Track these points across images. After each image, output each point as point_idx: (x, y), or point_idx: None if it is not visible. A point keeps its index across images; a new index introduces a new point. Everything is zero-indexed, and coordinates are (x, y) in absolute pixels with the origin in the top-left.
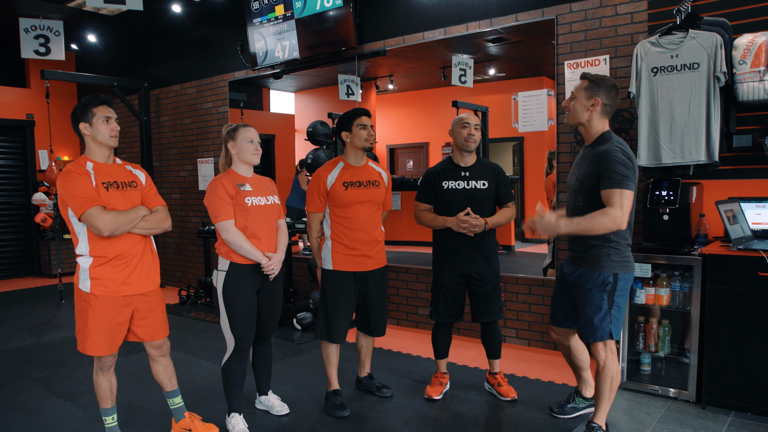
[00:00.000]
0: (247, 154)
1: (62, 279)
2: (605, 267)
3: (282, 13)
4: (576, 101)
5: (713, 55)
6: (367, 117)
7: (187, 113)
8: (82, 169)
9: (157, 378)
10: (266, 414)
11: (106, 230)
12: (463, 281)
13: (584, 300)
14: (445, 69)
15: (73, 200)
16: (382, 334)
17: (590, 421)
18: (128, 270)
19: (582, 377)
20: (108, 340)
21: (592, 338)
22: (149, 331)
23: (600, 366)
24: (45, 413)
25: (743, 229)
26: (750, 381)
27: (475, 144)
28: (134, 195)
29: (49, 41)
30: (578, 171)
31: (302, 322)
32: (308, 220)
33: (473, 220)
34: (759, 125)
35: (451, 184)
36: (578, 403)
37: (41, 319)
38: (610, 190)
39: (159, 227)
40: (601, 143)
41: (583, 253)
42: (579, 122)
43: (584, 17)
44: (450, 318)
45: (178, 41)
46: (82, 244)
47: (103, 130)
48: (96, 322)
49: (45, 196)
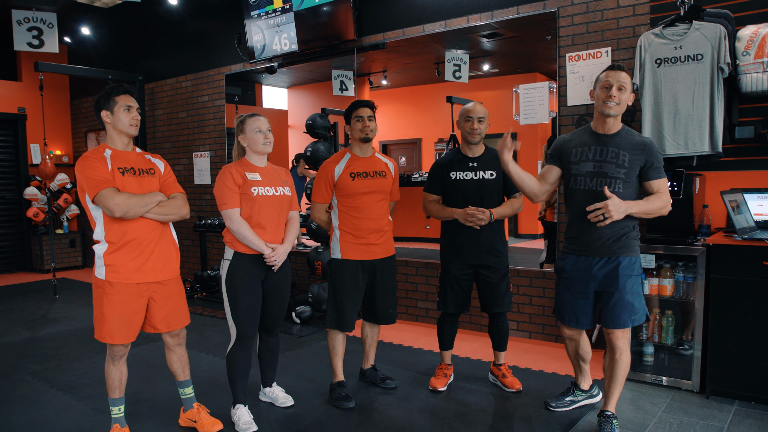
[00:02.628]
0: (257, 144)
1: (56, 274)
2: (636, 251)
3: (280, 5)
4: (626, 92)
5: (717, 47)
6: (364, 108)
7: (183, 107)
8: (99, 155)
9: (171, 367)
10: (271, 406)
11: (117, 211)
12: (472, 272)
13: (623, 287)
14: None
15: (87, 182)
16: (392, 321)
17: (603, 410)
18: (143, 257)
19: (582, 370)
20: (123, 327)
21: (631, 323)
22: (167, 321)
23: (618, 354)
24: (46, 406)
25: (747, 219)
26: (754, 370)
27: (479, 136)
28: (151, 182)
29: (43, 33)
30: (617, 159)
31: (301, 315)
32: (312, 210)
33: (479, 214)
34: (762, 116)
35: (459, 174)
36: (576, 395)
37: (36, 314)
38: (660, 180)
39: (175, 213)
40: (632, 134)
41: (614, 242)
42: (621, 113)
43: (586, 9)
44: (457, 308)
45: (174, 34)
46: (98, 228)
47: (123, 118)
48: (111, 309)
49: (37, 190)
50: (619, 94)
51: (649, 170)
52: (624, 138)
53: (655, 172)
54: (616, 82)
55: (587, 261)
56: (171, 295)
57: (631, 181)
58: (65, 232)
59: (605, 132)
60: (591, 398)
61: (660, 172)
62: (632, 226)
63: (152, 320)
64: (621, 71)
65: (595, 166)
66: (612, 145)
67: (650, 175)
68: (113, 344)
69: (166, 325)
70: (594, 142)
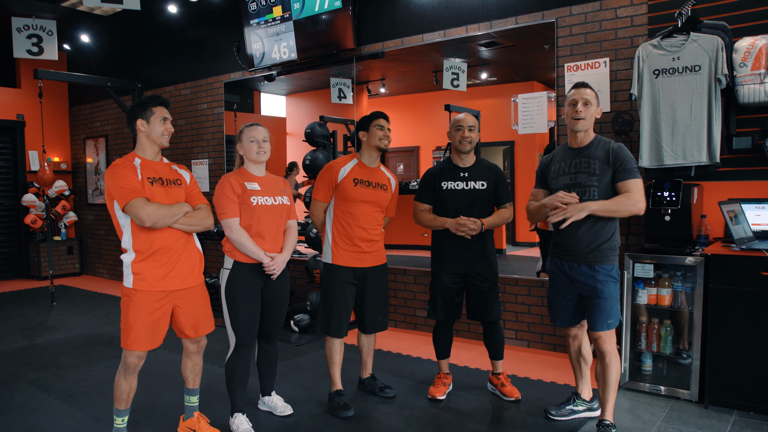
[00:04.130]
0: (251, 153)
1: (53, 281)
2: (614, 260)
3: (280, 14)
4: (592, 107)
5: (714, 58)
6: (385, 120)
7: (182, 114)
8: (129, 164)
9: (183, 373)
10: (270, 415)
11: (148, 221)
12: (462, 281)
13: (601, 293)
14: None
15: (118, 191)
16: (382, 329)
17: (601, 419)
18: (169, 265)
19: (583, 374)
20: (148, 335)
21: (607, 327)
22: (194, 326)
23: (607, 358)
24: (43, 414)
25: (745, 229)
26: (753, 380)
27: (470, 145)
28: (178, 192)
29: (42, 41)
30: (588, 168)
31: (300, 323)
32: (312, 208)
33: (471, 224)
34: (759, 127)
35: (450, 184)
36: (577, 404)
37: (33, 321)
38: (630, 180)
39: (201, 224)
40: (602, 142)
41: (593, 250)
42: (589, 128)
43: (584, 20)
44: (448, 315)
45: (173, 42)
46: (126, 236)
47: (158, 128)
48: (136, 316)
49: (35, 197)
50: (584, 108)
51: (618, 172)
52: (596, 147)
53: (623, 173)
54: (581, 98)
55: (569, 265)
56: (196, 301)
57: (604, 187)
58: (63, 239)
59: (578, 145)
60: (591, 411)
61: (629, 173)
62: (610, 234)
63: (179, 325)
64: (586, 88)
65: (571, 178)
66: (583, 156)
67: (619, 176)
68: (131, 354)
69: (194, 330)
70: (569, 157)
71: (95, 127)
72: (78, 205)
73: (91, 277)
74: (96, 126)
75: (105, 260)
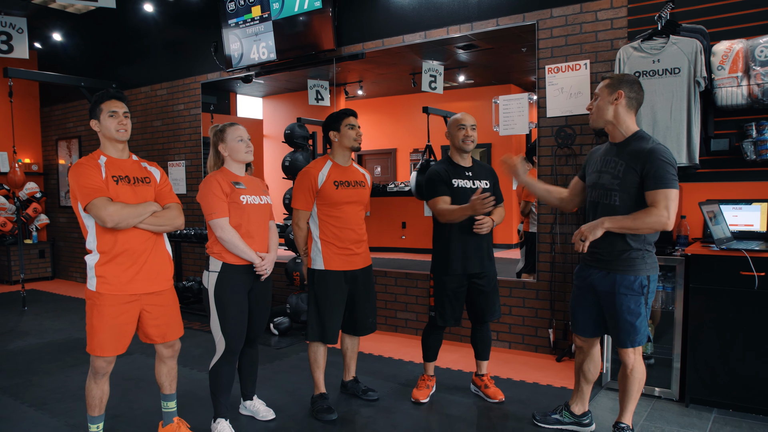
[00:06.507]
0: (239, 153)
1: (25, 285)
2: (641, 270)
3: (259, 14)
4: (599, 99)
5: (693, 61)
6: (355, 117)
7: (158, 115)
8: (93, 162)
9: (158, 378)
10: (252, 419)
11: (109, 221)
12: (466, 283)
13: (621, 305)
14: (414, 75)
15: (80, 190)
16: (372, 330)
17: (618, 421)
18: (135, 267)
19: (581, 391)
20: (113, 340)
21: (630, 343)
22: (162, 332)
23: (628, 369)
24: (17, 423)
25: (723, 230)
26: (733, 378)
27: (473, 144)
28: (145, 191)
29: (12, 39)
30: (614, 169)
31: (279, 326)
32: (296, 218)
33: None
34: (736, 129)
35: (460, 182)
36: (564, 416)
37: (4, 327)
38: (659, 191)
39: (170, 224)
40: (639, 141)
41: (615, 257)
42: (605, 120)
43: (565, 22)
44: (456, 322)
45: (150, 42)
46: (90, 237)
47: (109, 124)
48: (101, 321)
49: (5, 199)
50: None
51: (646, 179)
52: (631, 145)
53: (651, 180)
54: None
55: (589, 271)
56: (165, 305)
57: (627, 191)
58: (34, 243)
59: (614, 141)
60: (580, 426)
61: (658, 181)
62: (641, 246)
63: (146, 331)
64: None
65: (597, 177)
66: (615, 154)
67: (647, 184)
68: (99, 359)
69: (161, 336)
70: (607, 153)
71: (68, 128)
72: (50, 208)
73: (63, 281)
74: (69, 127)
75: (78, 264)
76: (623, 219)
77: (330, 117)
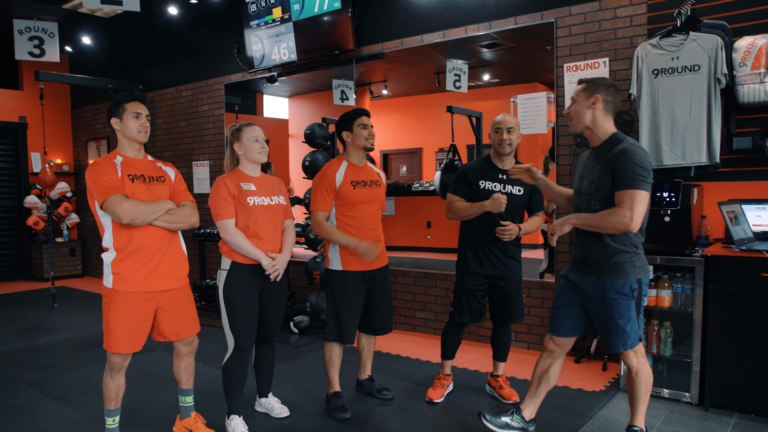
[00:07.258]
0: (253, 153)
1: (55, 282)
2: (629, 274)
3: (279, 15)
4: (576, 104)
5: (714, 57)
6: (367, 117)
7: (183, 116)
8: (109, 161)
9: (176, 374)
10: (266, 416)
11: (125, 217)
12: (487, 282)
13: (611, 309)
14: (439, 74)
15: (96, 188)
16: (389, 330)
17: (630, 425)
18: (151, 265)
19: (539, 396)
20: (129, 337)
21: (623, 347)
22: (176, 329)
23: (633, 372)
24: (40, 416)
25: (745, 230)
26: (753, 382)
27: (510, 148)
28: (161, 189)
29: (44, 43)
30: (591, 174)
31: (299, 325)
32: (315, 219)
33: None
34: (759, 127)
35: (488, 184)
36: (514, 420)
37: (34, 323)
38: (625, 191)
39: (184, 222)
40: (615, 144)
41: (603, 262)
42: (583, 125)
43: (583, 20)
44: (473, 319)
45: (174, 44)
46: (107, 234)
47: (131, 125)
48: (117, 318)
49: (37, 199)
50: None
51: (615, 180)
52: (607, 148)
53: (619, 182)
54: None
55: (579, 275)
56: (180, 303)
57: (604, 195)
58: (65, 241)
59: (594, 145)
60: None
61: (625, 182)
62: (626, 249)
63: (161, 329)
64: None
65: (580, 183)
66: (593, 159)
67: (615, 185)
68: (115, 355)
69: (175, 334)
70: (588, 158)
71: (97, 129)
72: (80, 207)
73: (93, 278)
74: (98, 128)
75: None
76: (589, 217)
77: (342, 117)
